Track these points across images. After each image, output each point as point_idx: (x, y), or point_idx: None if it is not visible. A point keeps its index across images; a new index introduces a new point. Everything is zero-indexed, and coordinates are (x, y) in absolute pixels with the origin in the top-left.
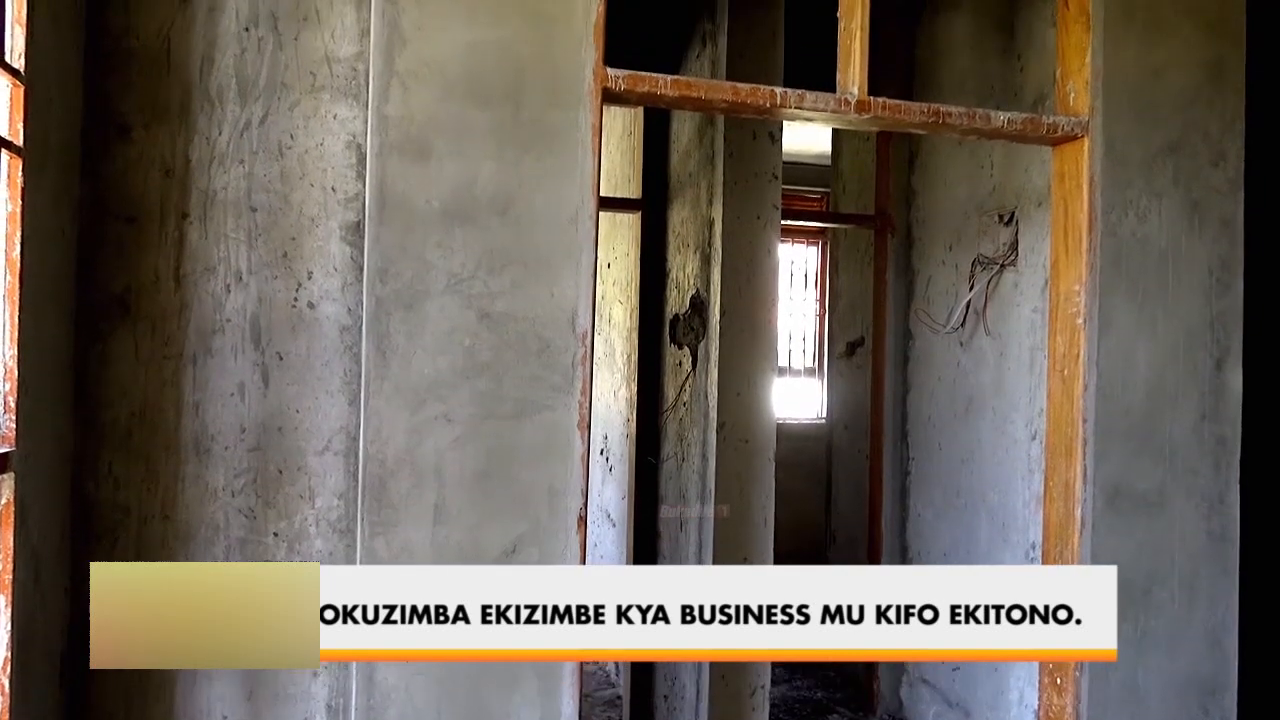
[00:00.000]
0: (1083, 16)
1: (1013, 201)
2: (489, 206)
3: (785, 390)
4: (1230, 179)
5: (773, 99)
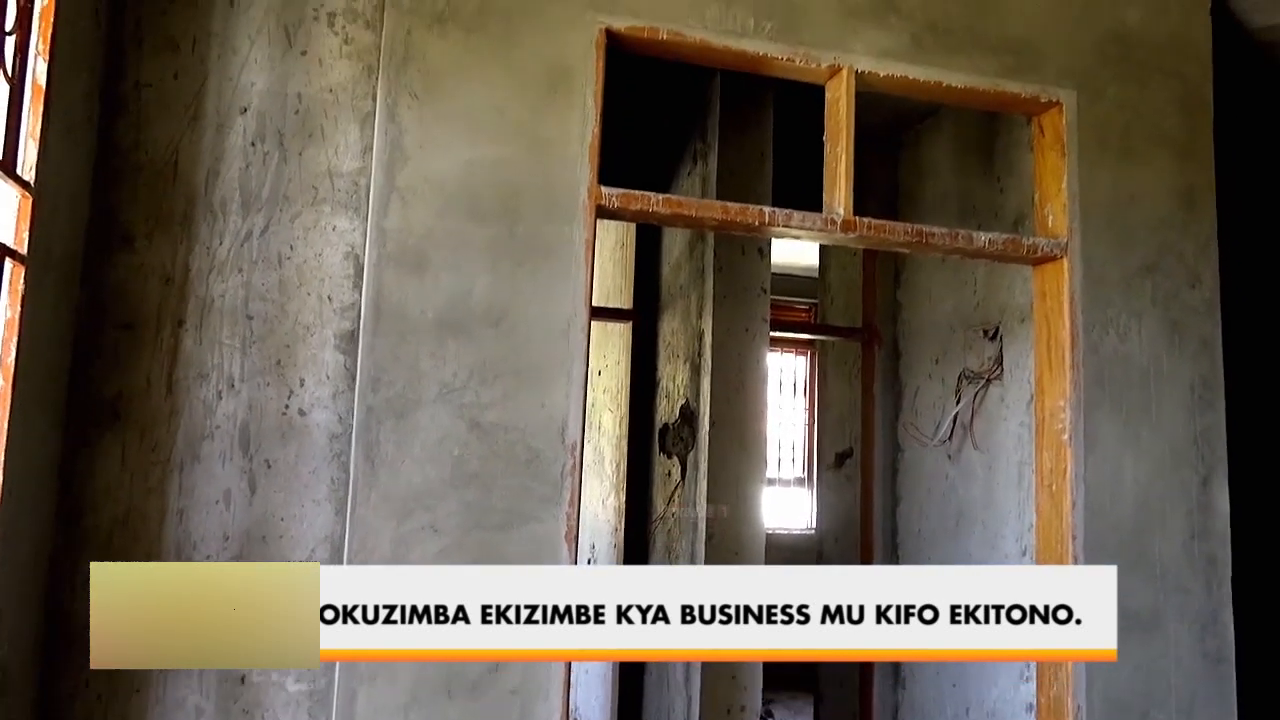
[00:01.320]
0: (1058, 144)
1: (996, 317)
2: (483, 318)
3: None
4: (1206, 300)
5: (761, 218)
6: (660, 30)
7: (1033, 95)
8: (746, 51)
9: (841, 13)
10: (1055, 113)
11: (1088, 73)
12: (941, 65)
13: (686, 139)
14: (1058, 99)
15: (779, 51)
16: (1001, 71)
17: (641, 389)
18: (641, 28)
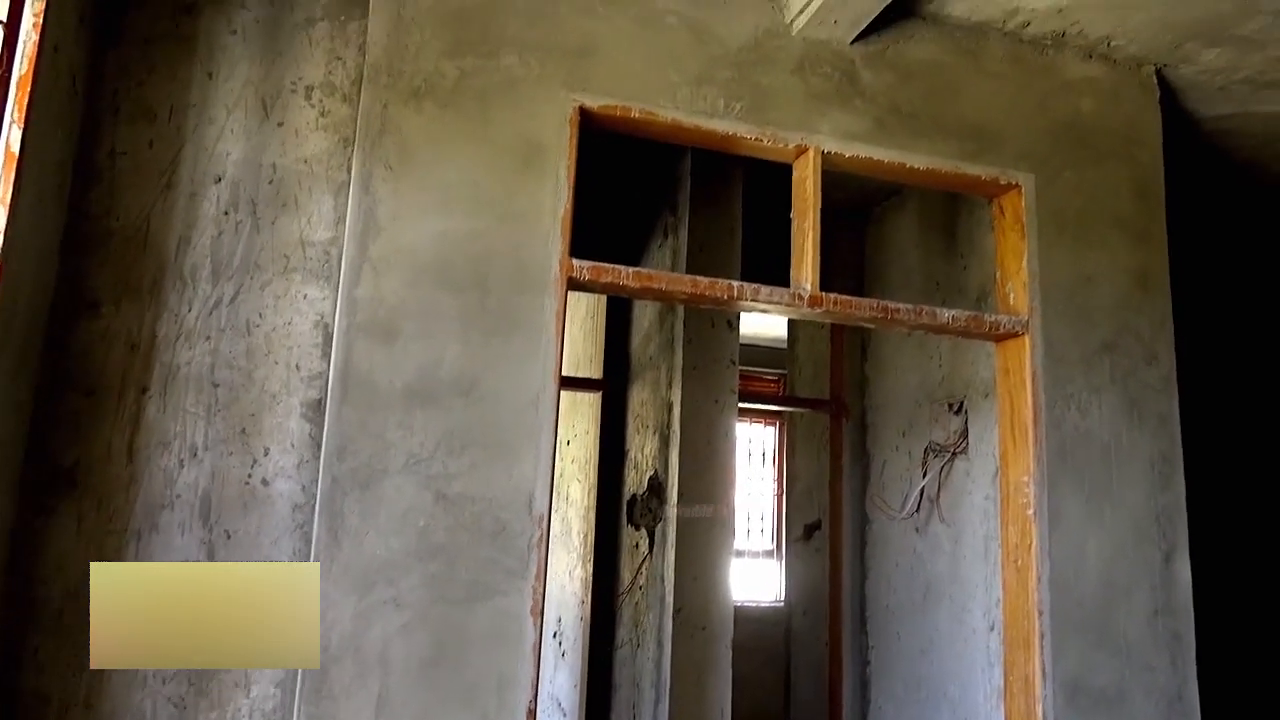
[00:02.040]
0: (1018, 224)
1: (961, 391)
2: (452, 388)
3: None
4: (1164, 377)
5: (730, 292)
6: (633, 109)
7: (992, 178)
8: (716, 131)
9: (808, 95)
10: (1014, 195)
11: (1045, 157)
12: (904, 147)
13: (658, 212)
14: (1017, 182)
15: (748, 131)
16: (962, 154)
17: (610, 459)
18: (614, 106)
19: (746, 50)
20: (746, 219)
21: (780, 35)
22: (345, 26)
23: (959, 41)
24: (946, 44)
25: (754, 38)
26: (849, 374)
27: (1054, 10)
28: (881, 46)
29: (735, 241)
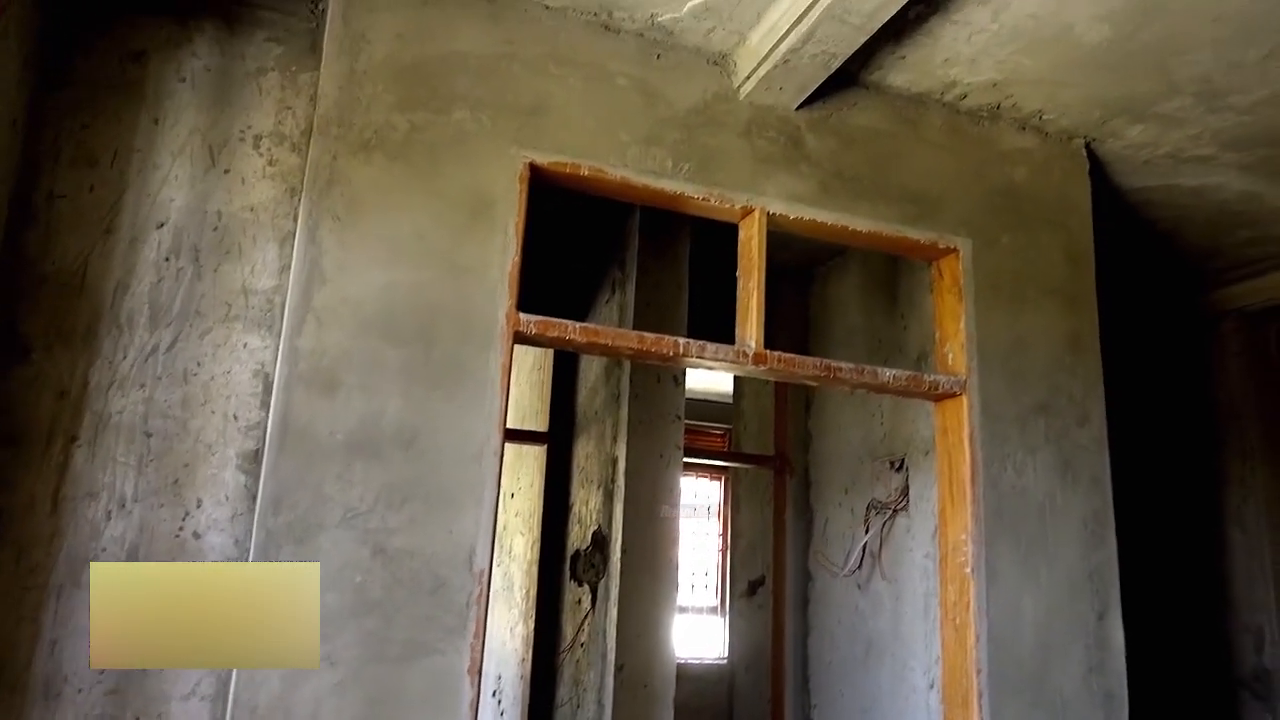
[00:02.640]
0: (955, 287)
1: (902, 449)
2: (394, 440)
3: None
4: (1095, 438)
5: (675, 348)
6: (582, 167)
7: (931, 242)
8: (665, 190)
9: (754, 158)
10: (953, 258)
11: (982, 223)
12: (847, 210)
13: (606, 267)
14: (955, 246)
15: (695, 191)
16: (903, 219)
17: (555, 513)
18: (564, 163)
19: (695, 113)
20: (694, 275)
21: (728, 99)
22: (296, 77)
23: (900, 110)
24: (888, 112)
25: (703, 101)
26: (793, 430)
27: (989, 84)
28: (826, 113)
29: (682, 298)
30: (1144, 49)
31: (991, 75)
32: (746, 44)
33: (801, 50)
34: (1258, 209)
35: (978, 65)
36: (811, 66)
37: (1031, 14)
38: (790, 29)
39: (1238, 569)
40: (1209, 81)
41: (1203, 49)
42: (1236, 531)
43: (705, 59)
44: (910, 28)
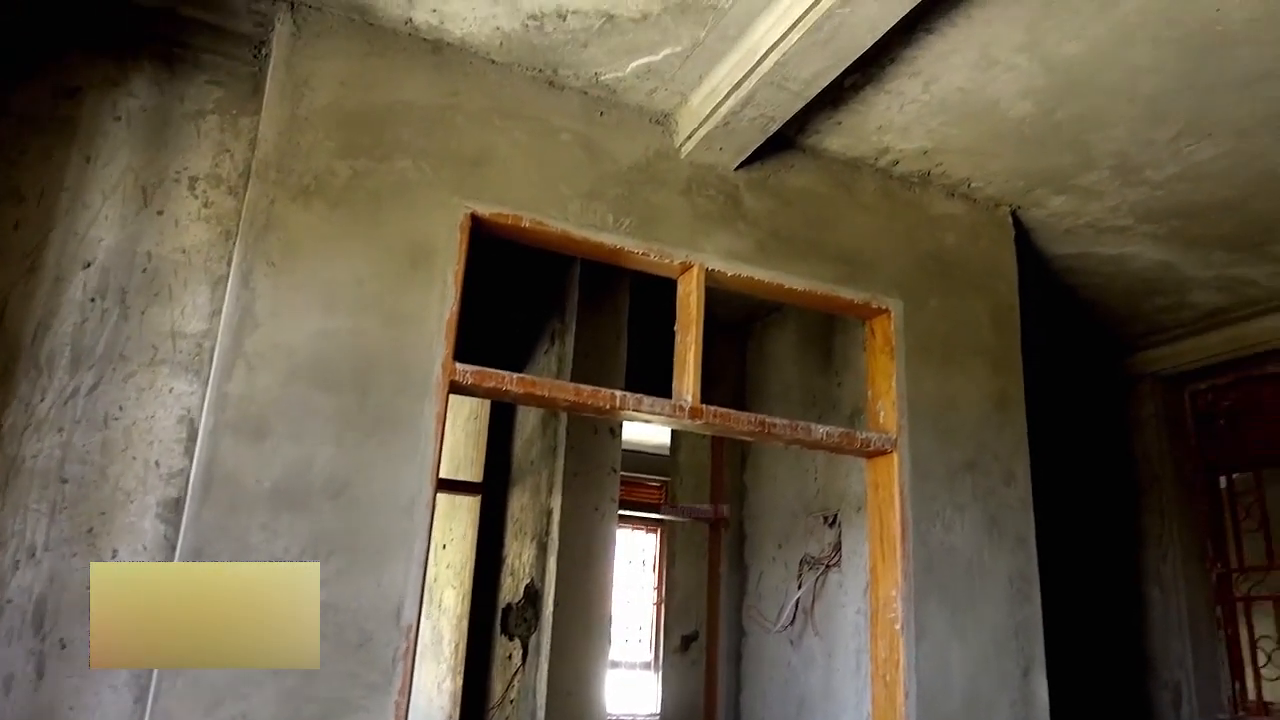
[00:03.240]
0: (887, 346)
1: (835, 504)
2: (323, 490)
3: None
4: (1021, 497)
5: (612, 401)
6: (524, 219)
7: (865, 302)
8: (605, 244)
9: (694, 215)
10: (885, 318)
11: (913, 285)
12: (784, 269)
13: (546, 318)
14: (887, 307)
15: (635, 246)
16: (837, 279)
17: (487, 566)
18: (506, 215)
19: (637, 170)
20: (632, 327)
21: (670, 158)
22: (237, 120)
23: (835, 174)
24: (824, 175)
25: (645, 158)
26: (729, 484)
27: (920, 152)
28: (764, 174)
29: (620, 350)
30: (1064, 125)
31: (922, 143)
32: (688, 105)
33: (741, 113)
34: (1171, 278)
35: (909, 133)
36: (751, 129)
37: (960, 88)
38: (730, 92)
39: (1156, 626)
40: (1125, 157)
41: (1118, 127)
42: (1155, 589)
43: (648, 118)
44: (846, 95)
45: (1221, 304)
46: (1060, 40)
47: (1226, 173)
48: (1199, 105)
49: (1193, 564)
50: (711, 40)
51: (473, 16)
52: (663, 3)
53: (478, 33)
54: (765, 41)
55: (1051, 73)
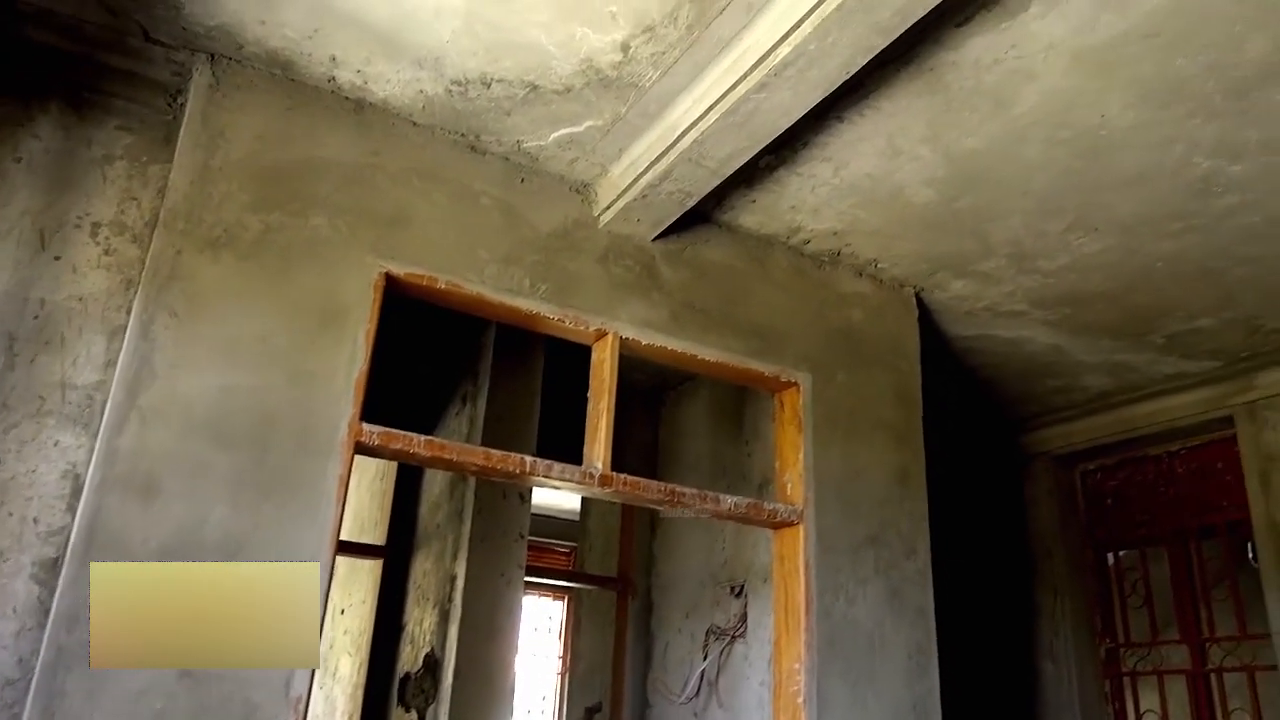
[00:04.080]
0: (795, 419)
1: (742, 575)
2: (215, 552)
3: None
4: (920, 570)
5: (522, 466)
6: (440, 280)
7: (775, 375)
8: (520, 309)
9: (610, 284)
10: (794, 392)
11: (821, 360)
12: (697, 340)
13: (459, 379)
14: (796, 380)
15: (551, 312)
16: (748, 351)
17: (386, 633)
18: (421, 275)
19: (555, 237)
20: (547, 392)
21: (588, 226)
22: (146, 168)
23: (749, 249)
24: (738, 250)
25: (564, 226)
26: (638, 552)
27: (830, 232)
28: (680, 246)
29: (533, 414)
30: (964, 213)
31: (833, 224)
32: (608, 176)
33: (659, 187)
34: (1063, 361)
35: (820, 214)
36: (668, 203)
37: (868, 174)
38: (649, 166)
39: (1049, 700)
40: (1019, 246)
41: (1014, 218)
42: (1048, 663)
43: (568, 186)
44: (760, 175)
45: (1108, 388)
46: (960, 136)
47: (1111, 266)
48: (1087, 202)
49: (1083, 639)
50: (633, 116)
51: (397, 79)
52: (585, 77)
53: (401, 94)
54: (684, 120)
55: (952, 164)
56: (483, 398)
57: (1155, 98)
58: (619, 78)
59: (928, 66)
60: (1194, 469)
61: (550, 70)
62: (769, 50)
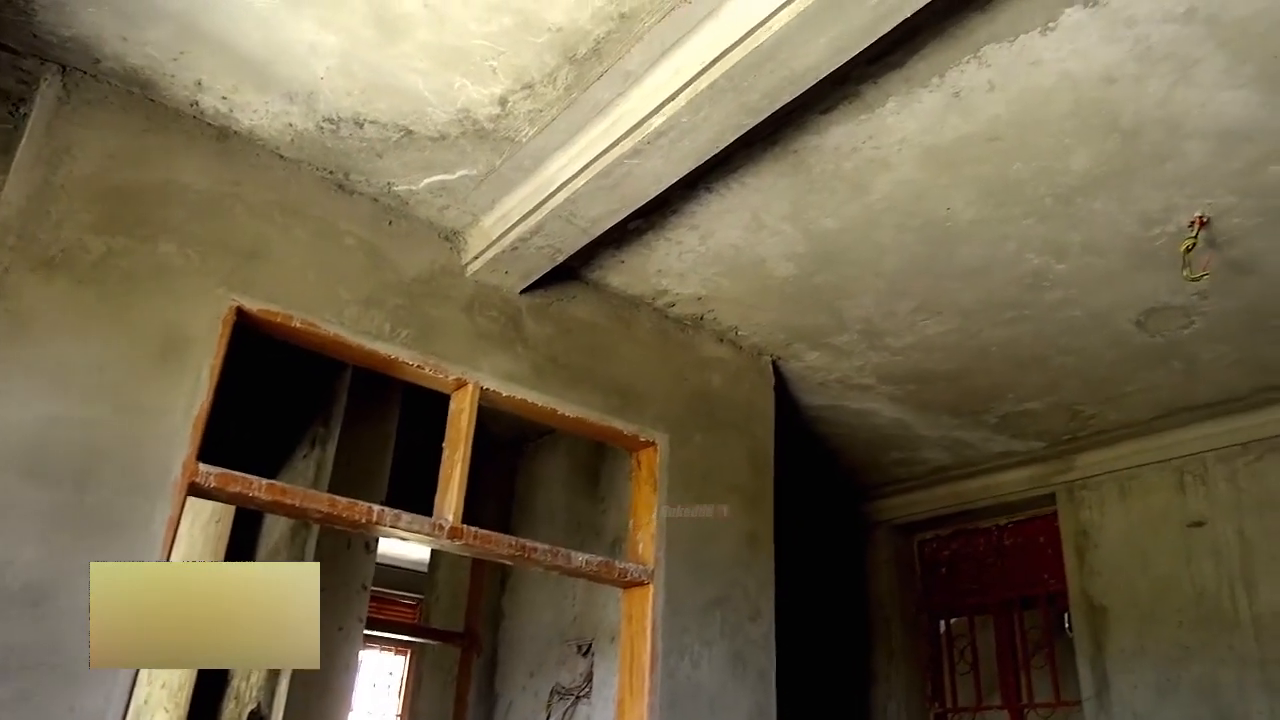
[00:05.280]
0: (651, 478)
1: (591, 633)
2: (20, 596)
3: None
4: (764, 633)
5: (369, 515)
6: (295, 318)
7: (633, 433)
8: (379, 353)
9: (474, 334)
10: (651, 451)
11: (679, 421)
12: (558, 395)
13: (309, 420)
14: (654, 440)
15: (411, 358)
16: (608, 409)
17: (208, 687)
18: (276, 312)
19: (420, 282)
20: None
21: (455, 274)
22: None
23: (615, 309)
24: (605, 309)
25: (430, 271)
26: (486, 607)
27: (694, 297)
28: (547, 300)
29: (385, 461)
30: (821, 289)
31: (697, 290)
32: (479, 226)
33: (530, 241)
34: (906, 435)
35: (686, 280)
36: (538, 257)
37: (733, 244)
38: (521, 220)
39: None
40: (870, 323)
41: (866, 296)
42: None
43: (437, 232)
44: (630, 237)
45: (946, 462)
46: (819, 215)
47: (952, 347)
48: (932, 286)
49: (915, 703)
50: (507, 168)
51: (265, 110)
52: (462, 127)
53: (268, 126)
54: (558, 178)
55: (812, 242)
56: (333, 442)
57: (994, 196)
58: (495, 130)
59: (792, 149)
60: (1020, 542)
61: (426, 116)
62: (644, 118)
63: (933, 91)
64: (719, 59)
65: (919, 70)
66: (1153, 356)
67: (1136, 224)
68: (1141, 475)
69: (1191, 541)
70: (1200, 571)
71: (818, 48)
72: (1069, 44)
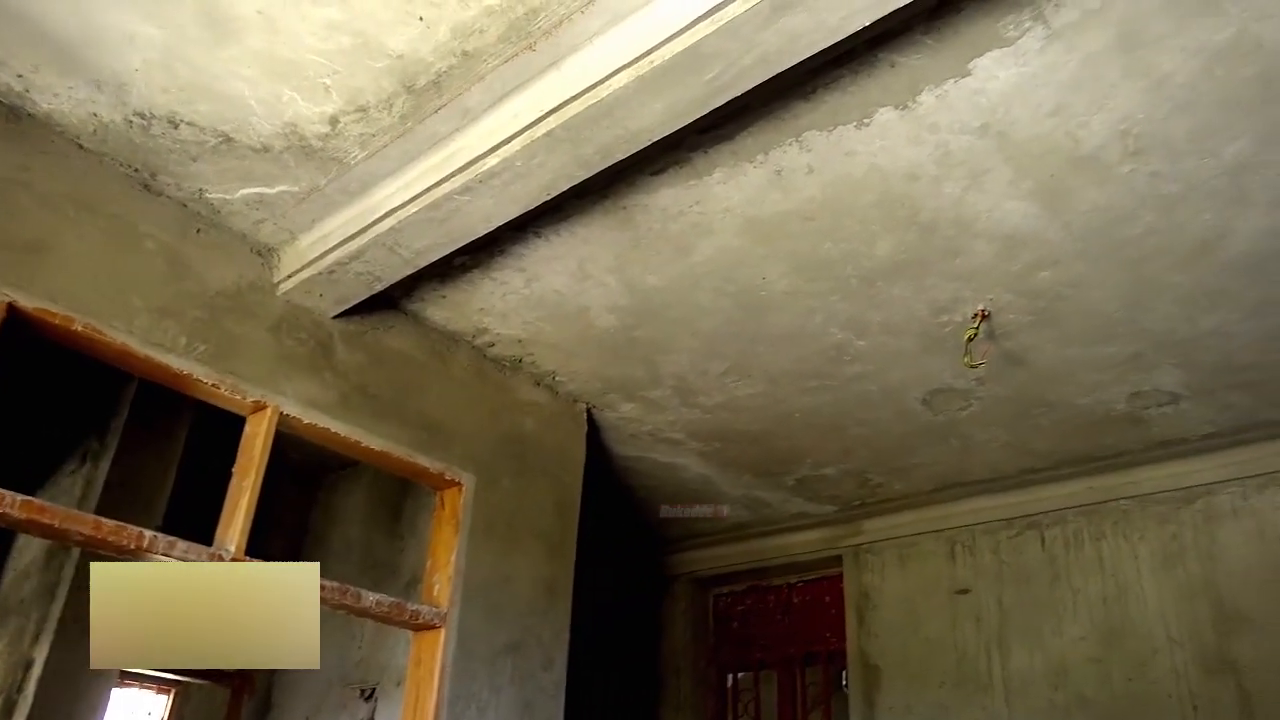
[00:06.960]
0: (454, 519)
1: (377, 677)
2: None
3: None
4: (555, 682)
5: (139, 541)
6: (76, 321)
7: (439, 471)
8: (170, 367)
9: (279, 356)
10: (456, 491)
11: (489, 462)
12: (365, 427)
13: (82, 434)
14: (460, 480)
15: (206, 376)
16: (416, 444)
17: None
18: (55, 313)
19: (225, 296)
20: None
21: (264, 291)
22: None
23: (433, 343)
24: (422, 342)
25: (236, 286)
26: None
27: (515, 339)
28: (362, 328)
29: (165, 483)
30: (640, 342)
31: (518, 332)
32: (295, 244)
33: (348, 266)
34: (709, 490)
35: (508, 320)
36: (356, 283)
37: (557, 290)
38: (341, 244)
39: None
40: (684, 380)
41: (681, 354)
42: None
43: (249, 246)
44: (455, 273)
45: (745, 519)
46: (643, 272)
47: (758, 410)
48: (744, 350)
49: None
50: (332, 189)
51: (68, 95)
52: (287, 141)
53: (69, 113)
54: (385, 205)
55: (634, 296)
56: (107, 459)
57: (806, 271)
58: (323, 149)
59: (622, 204)
60: (807, 601)
61: (249, 126)
62: (478, 157)
63: (757, 167)
64: (558, 109)
65: (746, 145)
66: (935, 433)
67: (928, 310)
68: (919, 543)
69: (958, 608)
70: (963, 636)
71: (653, 111)
72: (879, 140)
